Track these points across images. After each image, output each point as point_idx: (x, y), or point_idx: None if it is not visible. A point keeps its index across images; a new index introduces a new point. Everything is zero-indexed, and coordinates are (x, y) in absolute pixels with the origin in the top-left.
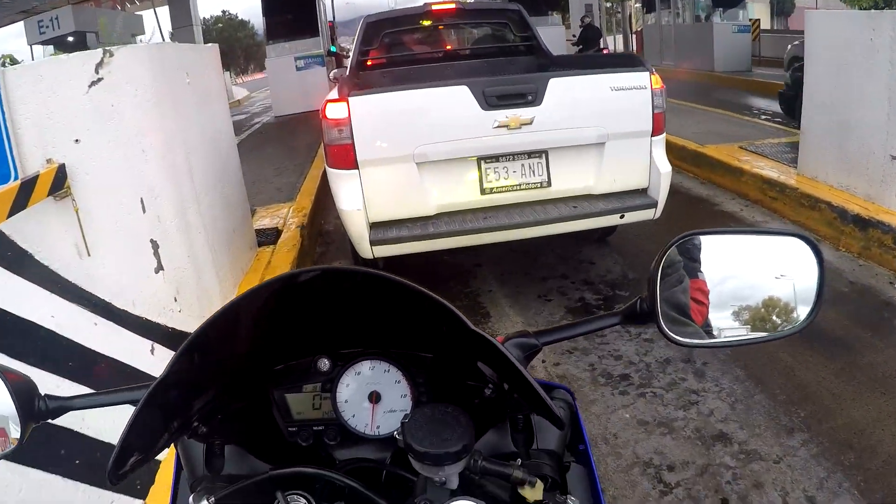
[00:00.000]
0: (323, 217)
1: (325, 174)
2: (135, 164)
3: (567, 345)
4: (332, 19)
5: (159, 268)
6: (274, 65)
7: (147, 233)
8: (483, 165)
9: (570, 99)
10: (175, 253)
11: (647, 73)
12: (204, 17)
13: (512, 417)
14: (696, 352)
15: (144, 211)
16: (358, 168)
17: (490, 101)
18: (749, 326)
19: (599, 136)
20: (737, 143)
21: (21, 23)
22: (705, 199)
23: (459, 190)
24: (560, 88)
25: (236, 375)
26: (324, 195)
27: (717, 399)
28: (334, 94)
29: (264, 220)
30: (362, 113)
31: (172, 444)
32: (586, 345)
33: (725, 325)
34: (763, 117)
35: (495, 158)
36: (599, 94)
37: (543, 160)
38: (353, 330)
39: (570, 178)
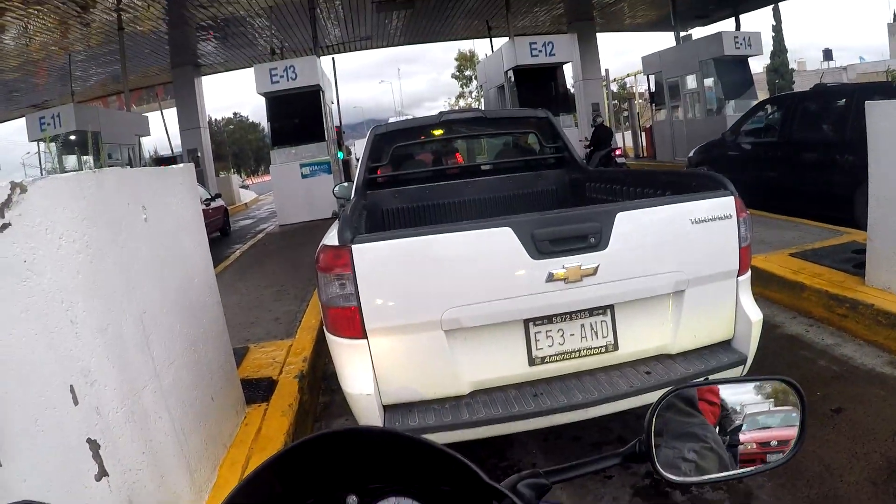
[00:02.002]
0: (328, 355)
1: None
2: (60, 340)
3: None
4: (338, 124)
5: (101, 474)
6: (279, 171)
7: (82, 431)
8: (532, 329)
9: (642, 238)
10: (124, 452)
11: (732, 198)
12: (215, 119)
13: None
14: None
15: (76, 403)
16: (366, 337)
17: (542, 248)
18: (751, 422)
19: (679, 282)
20: (786, 251)
21: (22, 119)
22: (764, 321)
23: (501, 361)
24: (629, 225)
25: None
26: None
27: None
28: (333, 237)
29: (257, 364)
30: (371, 264)
31: None
32: None
33: (724, 429)
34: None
35: (548, 319)
36: (677, 228)
37: (609, 318)
38: (379, 468)
39: (642, 338)
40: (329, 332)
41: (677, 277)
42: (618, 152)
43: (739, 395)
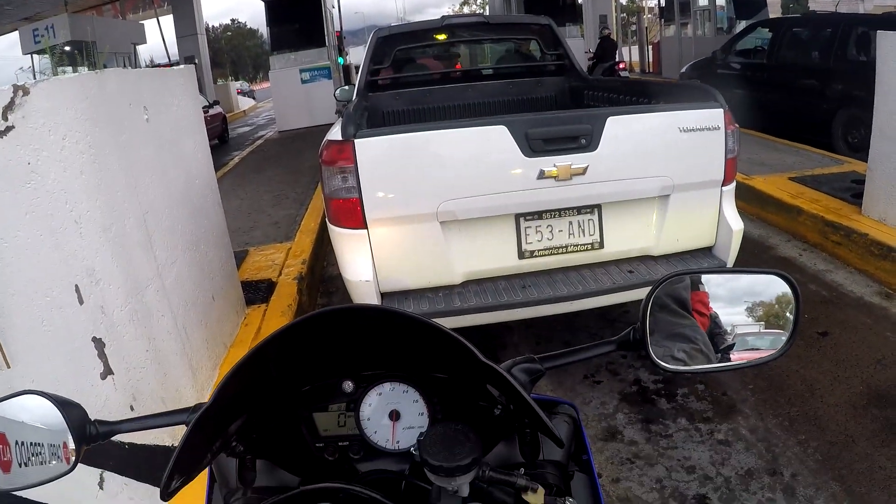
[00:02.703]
0: (326, 257)
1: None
2: (64, 241)
3: (628, 453)
4: (339, 29)
5: (107, 372)
6: (278, 76)
7: (87, 330)
8: (522, 224)
9: (632, 142)
10: (128, 350)
11: (722, 110)
12: (212, 26)
13: (520, 431)
14: (782, 460)
15: (81, 302)
16: (367, 228)
17: (534, 146)
18: (733, 355)
19: (664, 187)
20: (786, 174)
21: (15, 33)
22: (758, 241)
23: (493, 253)
24: (619, 129)
25: (269, 398)
26: (326, 231)
27: None
28: (336, 132)
29: (257, 267)
30: (372, 158)
31: None
32: (650, 451)
33: (717, 343)
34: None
35: (538, 215)
36: (666, 135)
37: (596, 217)
38: (375, 354)
39: (627, 238)
40: (331, 224)
41: (663, 182)
42: (621, 66)
43: (731, 316)
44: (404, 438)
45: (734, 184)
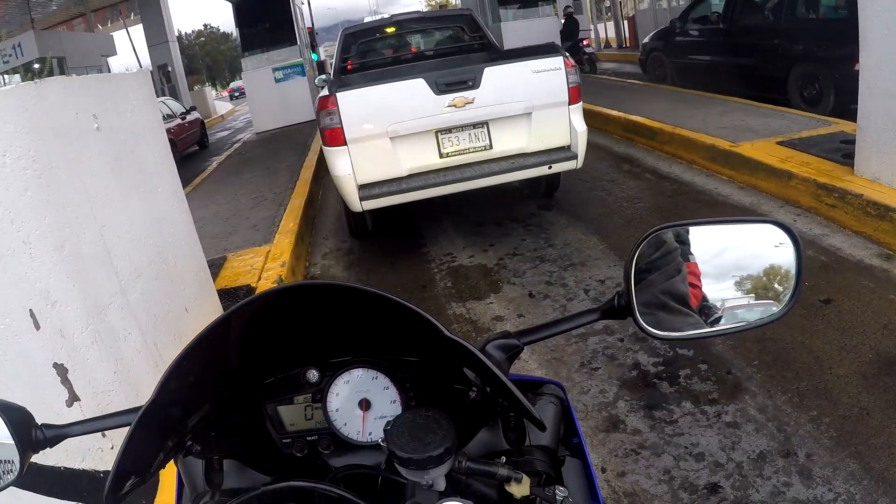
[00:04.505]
0: (306, 258)
1: (311, 186)
2: (14, 263)
3: (632, 444)
4: (311, 25)
5: (73, 399)
6: (251, 78)
7: (47, 356)
8: (440, 136)
9: (502, 82)
10: (94, 374)
11: (561, 57)
12: (185, 32)
13: (503, 416)
14: (795, 440)
15: (38, 327)
16: (347, 145)
17: (440, 88)
18: (730, 316)
19: (526, 108)
20: (773, 139)
21: None
22: (749, 209)
23: (423, 156)
24: (493, 75)
25: (228, 391)
26: (307, 232)
27: None
28: (325, 92)
29: (235, 273)
30: (347, 104)
31: (173, 462)
32: (656, 440)
33: (706, 316)
34: (784, 103)
35: (448, 130)
36: (524, 76)
37: (485, 129)
38: (340, 340)
39: (508, 142)
40: (325, 145)
41: (526, 105)
42: (585, 42)
43: (720, 292)
44: (376, 429)
45: (580, 104)
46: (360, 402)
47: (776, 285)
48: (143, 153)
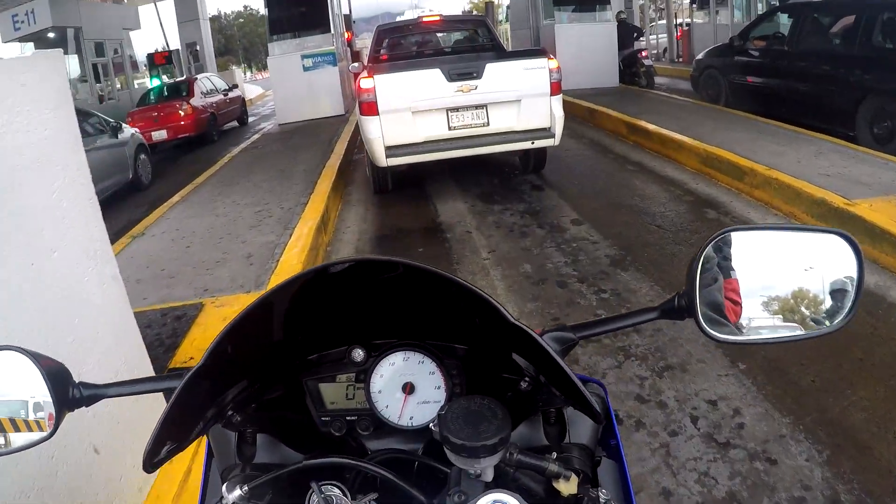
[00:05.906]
0: None
1: (327, 201)
2: None
3: None
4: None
5: None
6: (277, 64)
7: None
8: (449, 113)
9: (500, 75)
10: None
11: (546, 58)
12: (224, 13)
13: (544, 411)
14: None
15: None
16: (379, 115)
17: (452, 77)
18: (785, 325)
19: (517, 95)
20: (890, 197)
21: None
22: (874, 294)
23: (436, 127)
24: (493, 69)
25: (271, 365)
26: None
27: None
28: (364, 73)
29: (207, 334)
30: (382, 83)
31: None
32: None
33: (761, 323)
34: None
35: (456, 109)
36: (517, 72)
37: (484, 111)
38: (388, 321)
39: (501, 121)
40: (360, 115)
41: (517, 93)
42: (643, 54)
43: (789, 253)
44: (418, 414)
45: (560, 95)
46: (405, 386)
47: (834, 300)
48: (26, 189)
